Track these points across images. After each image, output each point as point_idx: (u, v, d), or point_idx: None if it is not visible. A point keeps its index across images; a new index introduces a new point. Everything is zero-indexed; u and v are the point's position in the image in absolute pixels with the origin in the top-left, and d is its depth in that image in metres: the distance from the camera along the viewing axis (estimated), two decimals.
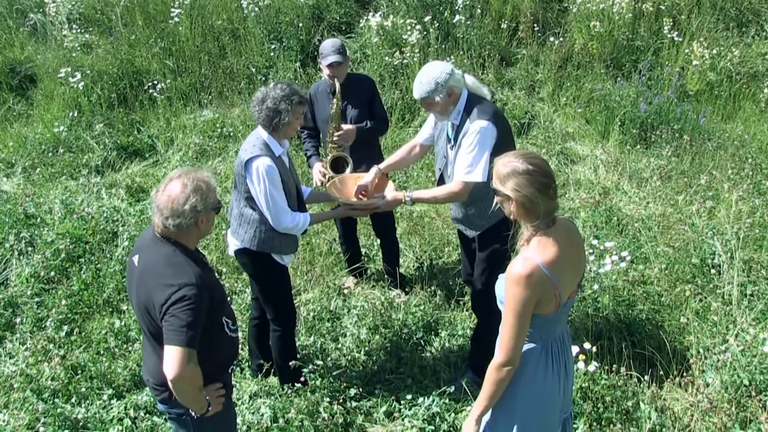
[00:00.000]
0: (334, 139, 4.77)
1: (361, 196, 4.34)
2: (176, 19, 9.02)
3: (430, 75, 3.83)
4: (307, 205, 4.25)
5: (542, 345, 2.81)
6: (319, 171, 4.90)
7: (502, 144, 3.80)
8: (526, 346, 2.78)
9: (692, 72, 8.40)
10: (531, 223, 2.69)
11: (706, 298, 4.94)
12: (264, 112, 3.78)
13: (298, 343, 4.53)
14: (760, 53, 8.88)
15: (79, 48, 9.08)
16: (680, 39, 8.70)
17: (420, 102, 3.99)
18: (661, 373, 4.37)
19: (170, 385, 2.77)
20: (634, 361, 4.37)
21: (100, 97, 8.43)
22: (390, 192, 4.11)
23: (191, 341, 2.71)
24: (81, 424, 4.14)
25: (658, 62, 8.68)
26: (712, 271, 5.17)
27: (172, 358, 2.70)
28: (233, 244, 4.11)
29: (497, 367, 2.71)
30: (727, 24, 9.17)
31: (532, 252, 2.65)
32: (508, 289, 2.63)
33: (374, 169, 4.43)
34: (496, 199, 2.77)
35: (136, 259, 2.95)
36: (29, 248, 6.02)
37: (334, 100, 4.73)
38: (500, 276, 2.81)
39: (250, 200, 3.89)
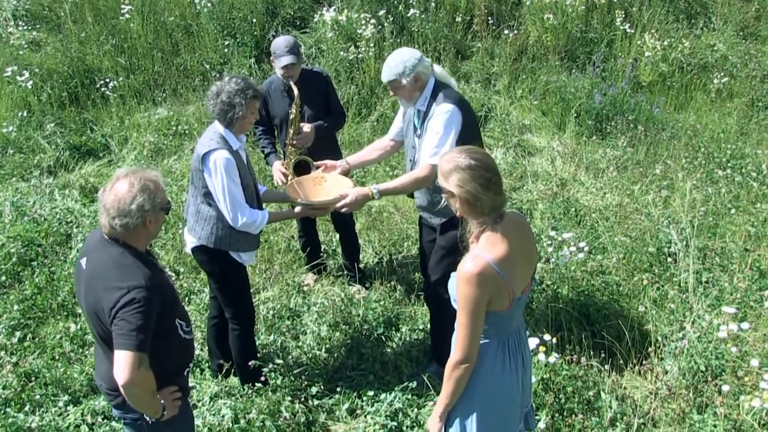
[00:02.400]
0: (294, 142, 4.71)
1: (317, 185, 4.31)
2: (127, 15, 8.85)
3: (398, 58, 3.83)
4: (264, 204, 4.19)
5: (498, 340, 2.80)
6: (280, 171, 4.83)
7: (467, 130, 3.82)
8: (482, 342, 2.76)
9: (645, 63, 8.53)
10: (477, 219, 2.67)
11: (663, 286, 5.01)
12: (219, 106, 3.72)
13: (258, 342, 4.47)
14: (709, 45, 9.07)
15: (26, 46, 8.84)
16: (632, 31, 8.82)
17: (387, 85, 3.98)
18: (621, 362, 4.42)
19: (122, 390, 2.71)
20: (594, 351, 4.41)
21: (51, 96, 8.23)
22: (353, 190, 4.05)
23: (142, 345, 2.65)
24: None
25: (612, 54, 8.80)
26: (669, 259, 5.26)
27: (122, 363, 2.64)
28: (190, 241, 4.04)
29: (455, 365, 2.70)
30: (677, 16, 9.36)
31: (482, 249, 2.62)
32: (459, 288, 2.61)
33: (342, 163, 4.39)
34: (443, 195, 2.74)
35: (84, 261, 2.87)
36: None
37: (293, 105, 4.65)
38: (452, 275, 2.78)
39: (207, 196, 3.83)
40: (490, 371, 2.80)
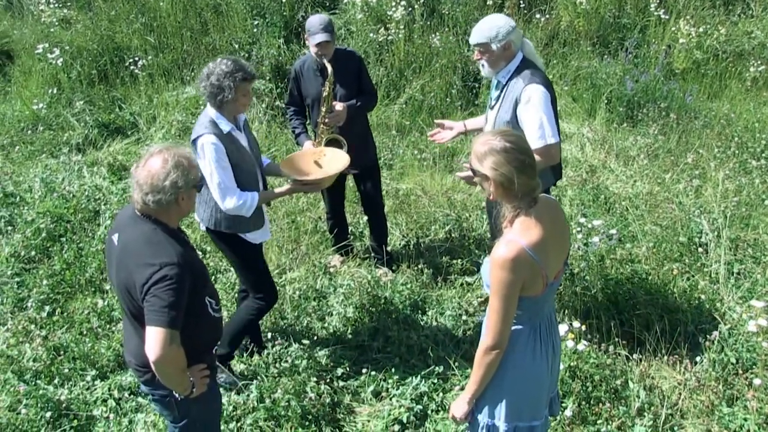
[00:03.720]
0: (326, 121, 4.68)
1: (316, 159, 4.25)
2: None
3: (492, 22, 3.79)
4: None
5: (530, 326, 2.78)
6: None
7: (555, 112, 3.83)
8: (514, 328, 2.74)
9: (679, 50, 8.38)
10: (511, 203, 2.63)
11: (693, 276, 4.94)
12: (208, 89, 3.67)
13: (284, 322, 4.48)
14: (746, 32, 8.88)
15: (57, 23, 8.90)
16: (667, 17, 8.67)
17: (474, 48, 3.91)
18: (649, 351, 4.36)
19: (153, 366, 2.71)
20: (622, 340, 4.37)
21: (80, 73, 8.28)
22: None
23: (173, 322, 2.65)
24: (64, 405, 4.06)
25: (645, 40, 8.66)
26: (699, 249, 5.18)
27: (154, 339, 2.64)
28: (199, 223, 4.07)
29: (485, 351, 2.68)
30: (713, 2, 9.16)
31: (516, 234, 2.58)
32: (493, 273, 2.57)
33: (460, 125, 4.34)
34: (476, 179, 2.71)
35: (115, 237, 2.86)
36: (9, 227, 5.92)
37: (326, 82, 4.62)
38: (485, 259, 2.75)
39: (204, 180, 3.76)
40: (521, 357, 2.78)
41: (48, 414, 3.99)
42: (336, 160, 4.19)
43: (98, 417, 4.06)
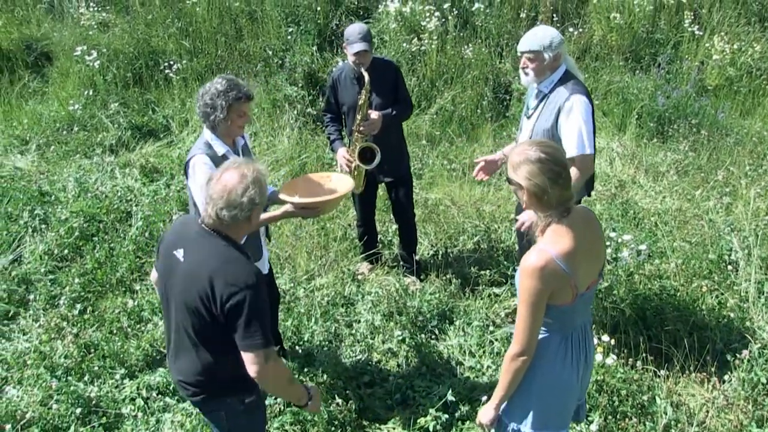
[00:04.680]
0: (360, 128, 4.72)
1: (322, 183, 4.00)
2: None
3: (546, 31, 3.84)
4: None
5: (561, 335, 2.80)
6: (344, 158, 4.84)
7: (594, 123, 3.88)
8: (544, 336, 2.77)
9: (712, 67, 8.34)
10: (544, 212, 2.65)
11: (722, 294, 4.90)
12: (202, 108, 3.54)
13: (315, 328, 4.53)
14: None
15: (95, 26, 9.05)
16: (701, 33, 8.63)
17: (523, 54, 3.91)
18: (677, 368, 4.33)
19: (259, 384, 2.77)
20: (649, 355, 4.35)
21: (116, 76, 8.41)
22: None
23: (267, 341, 2.65)
24: (94, 402, 4.12)
25: (678, 56, 8.62)
26: (729, 267, 5.13)
27: (251, 362, 2.65)
28: None
29: (513, 357, 2.71)
30: (749, 19, 9.08)
31: (547, 243, 2.61)
32: (521, 281, 2.61)
33: (500, 155, 4.36)
34: (511, 188, 2.73)
35: (180, 253, 2.77)
36: (43, 225, 6.02)
37: (363, 90, 4.66)
38: (519, 268, 2.76)
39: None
40: (550, 365, 2.80)
41: (78, 410, 4.05)
42: (340, 185, 3.93)
43: (126, 415, 4.11)
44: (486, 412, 2.90)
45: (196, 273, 2.68)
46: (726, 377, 4.20)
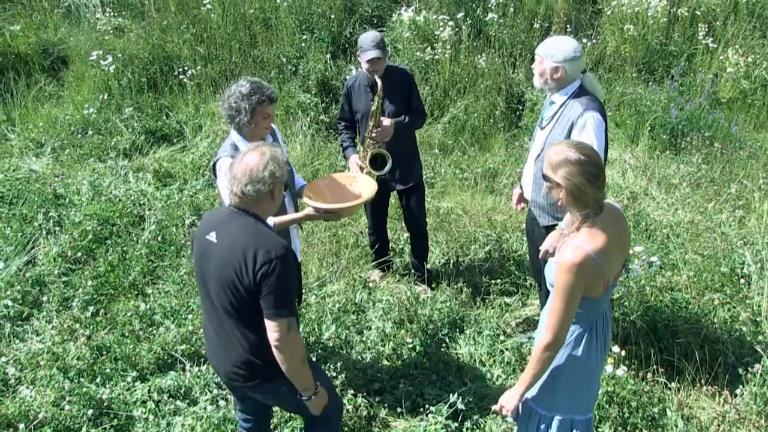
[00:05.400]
0: (373, 135, 4.74)
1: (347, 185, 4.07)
2: (208, 6, 9.03)
3: (562, 44, 3.91)
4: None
5: (587, 323, 2.95)
6: (356, 164, 4.87)
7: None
8: (572, 325, 2.90)
9: (726, 79, 8.33)
10: (579, 211, 2.77)
11: (735, 307, 4.88)
12: (227, 111, 3.66)
13: (326, 335, 4.54)
14: None
15: (111, 31, 9.11)
16: (715, 45, 8.61)
17: (536, 53, 4.00)
18: (688, 380, 4.32)
19: (276, 354, 2.88)
20: (660, 367, 4.34)
21: (131, 81, 8.46)
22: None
23: (292, 310, 2.86)
24: (105, 404, 4.15)
25: (691, 68, 8.62)
26: (742, 281, 5.12)
27: (276, 329, 2.83)
28: None
29: (545, 348, 2.83)
30: (763, 32, 9.06)
31: (582, 239, 2.74)
32: (558, 276, 2.73)
33: (517, 190, 4.48)
34: (545, 185, 2.85)
35: (213, 236, 2.95)
36: (57, 228, 6.06)
37: (375, 97, 4.68)
38: (549, 260, 2.95)
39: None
40: (577, 352, 2.95)
41: (90, 411, 4.07)
42: (364, 189, 4.00)
43: (137, 417, 4.13)
44: (510, 399, 3.02)
45: (230, 249, 2.86)
46: (738, 391, 4.19)
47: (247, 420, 3.55)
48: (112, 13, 9.40)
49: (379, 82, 4.65)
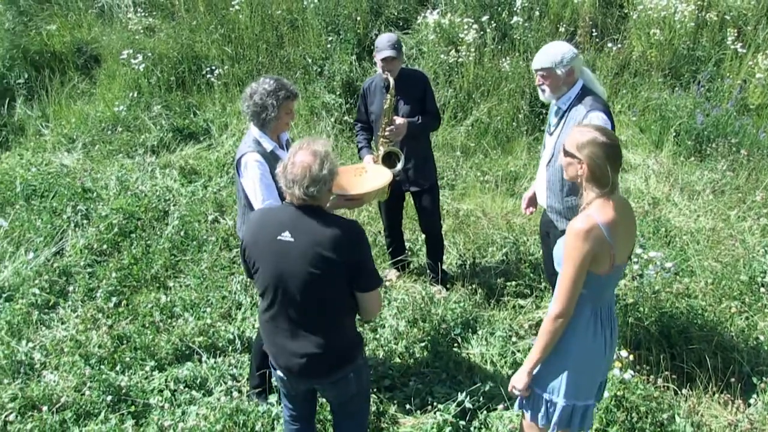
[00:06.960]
0: (385, 133, 4.81)
1: (357, 175, 4.13)
2: (237, 6, 9.16)
3: (557, 47, 3.91)
4: None
5: (592, 309, 3.00)
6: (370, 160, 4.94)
7: None
8: (577, 307, 2.95)
9: (755, 85, 8.22)
10: (594, 190, 2.89)
11: (753, 316, 4.86)
12: (251, 108, 3.74)
13: None
14: None
15: (142, 31, 9.28)
16: (744, 51, 8.51)
17: (537, 72, 3.99)
18: (699, 387, 4.31)
19: (371, 316, 3.18)
20: (671, 374, 4.33)
21: (160, 79, 8.62)
22: None
23: (381, 279, 3.11)
24: (124, 391, 4.28)
25: (719, 74, 8.51)
26: (762, 289, 5.08)
27: (376, 299, 3.09)
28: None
29: (552, 319, 2.93)
30: None
31: (593, 211, 2.86)
32: (568, 242, 2.85)
33: (529, 193, 4.53)
34: (565, 160, 2.96)
35: (287, 235, 2.97)
36: (85, 221, 6.22)
37: (388, 95, 4.77)
38: (558, 240, 3.03)
39: (248, 198, 3.84)
40: (582, 338, 3.01)
41: (109, 398, 4.22)
42: (378, 176, 4.13)
43: (154, 405, 4.25)
44: (520, 378, 3.11)
45: (316, 243, 2.93)
46: (751, 401, 4.17)
47: (295, 420, 3.57)
48: (143, 14, 9.57)
49: (391, 80, 4.73)
